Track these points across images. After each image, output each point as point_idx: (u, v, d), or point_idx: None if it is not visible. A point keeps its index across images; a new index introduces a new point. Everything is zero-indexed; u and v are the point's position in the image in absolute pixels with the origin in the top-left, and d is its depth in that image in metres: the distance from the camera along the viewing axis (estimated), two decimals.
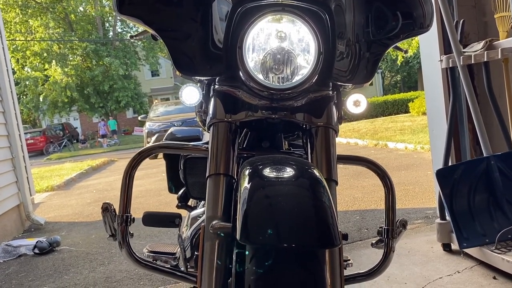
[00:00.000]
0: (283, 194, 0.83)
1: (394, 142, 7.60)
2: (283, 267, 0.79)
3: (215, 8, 1.06)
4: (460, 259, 2.28)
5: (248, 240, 0.78)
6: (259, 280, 0.78)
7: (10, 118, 4.35)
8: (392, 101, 16.66)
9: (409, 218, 3.22)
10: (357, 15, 1.10)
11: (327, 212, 0.80)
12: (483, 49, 2.10)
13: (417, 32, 1.19)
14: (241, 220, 0.79)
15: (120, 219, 1.23)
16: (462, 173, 2.15)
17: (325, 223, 0.79)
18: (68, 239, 3.85)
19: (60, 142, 21.23)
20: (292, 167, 0.90)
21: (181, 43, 1.09)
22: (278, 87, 1.02)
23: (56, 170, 10.36)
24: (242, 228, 0.78)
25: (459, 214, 2.11)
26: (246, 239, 0.78)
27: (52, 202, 6.21)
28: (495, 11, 2.15)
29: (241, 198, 0.83)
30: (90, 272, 2.90)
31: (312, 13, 1.01)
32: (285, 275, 0.78)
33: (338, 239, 0.78)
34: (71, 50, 23.29)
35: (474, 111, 2.22)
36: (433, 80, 2.66)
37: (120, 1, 1.06)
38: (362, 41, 1.12)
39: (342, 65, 1.10)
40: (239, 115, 1.08)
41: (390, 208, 1.25)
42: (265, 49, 1.01)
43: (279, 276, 0.78)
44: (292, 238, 0.78)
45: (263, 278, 0.78)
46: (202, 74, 1.14)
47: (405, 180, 4.61)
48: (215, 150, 1.06)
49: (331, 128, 1.09)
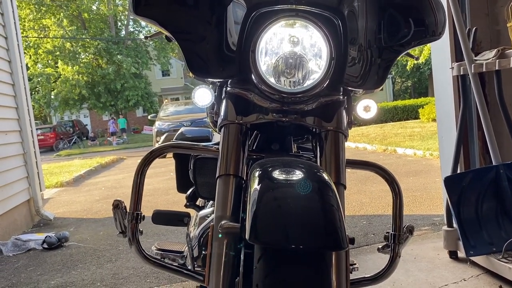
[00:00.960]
0: (292, 196, 0.85)
1: (403, 148, 7.57)
2: (291, 268, 0.81)
3: (230, 12, 1.08)
4: (467, 267, 2.27)
5: (257, 240, 0.80)
6: (267, 280, 0.80)
7: (23, 114, 4.41)
8: (402, 106, 16.59)
9: (416, 224, 3.21)
10: (370, 22, 1.11)
11: (335, 215, 0.82)
12: (495, 58, 2.09)
13: (429, 40, 1.20)
14: (251, 220, 0.81)
15: (130, 216, 1.25)
16: (470, 181, 2.15)
17: (333, 225, 0.81)
18: (76, 235, 3.90)
19: (70, 139, 21.43)
20: (301, 170, 0.91)
21: (195, 45, 1.11)
22: (289, 91, 1.04)
23: (66, 167, 10.46)
24: (251, 229, 0.80)
25: (467, 221, 2.11)
26: (255, 239, 0.79)
27: (61, 198, 6.27)
28: (508, 19, 2.15)
29: (251, 199, 0.84)
30: (98, 268, 2.93)
31: (325, 19, 1.02)
32: (293, 276, 0.80)
33: (345, 242, 0.80)
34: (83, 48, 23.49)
35: (484, 119, 2.21)
36: (443, 87, 2.66)
37: (136, 2, 1.09)
38: (374, 47, 1.13)
39: (353, 70, 1.11)
40: (250, 117, 1.09)
41: (398, 213, 1.26)
42: (277, 53, 1.03)
43: (286, 277, 0.80)
44: (300, 240, 0.79)
45: (271, 278, 0.80)
46: (215, 76, 1.17)
47: (413, 187, 4.60)
48: (226, 151, 1.08)
49: (340, 133, 1.10)
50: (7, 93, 4.25)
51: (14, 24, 4.41)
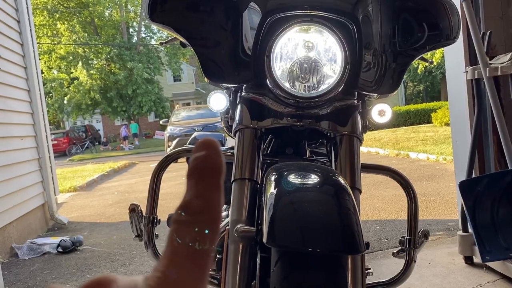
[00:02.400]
0: (308, 200, 0.86)
1: (416, 153, 7.51)
2: (308, 272, 0.81)
3: (245, 18, 1.09)
4: (483, 273, 2.25)
5: (275, 243, 0.81)
6: (284, 283, 0.80)
7: (38, 119, 4.48)
8: (415, 111, 16.47)
9: (430, 229, 3.18)
10: (384, 26, 1.11)
11: (352, 219, 0.82)
12: (509, 61, 2.08)
13: (444, 44, 1.20)
14: (268, 224, 0.81)
15: (146, 220, 1.27)
16: (485, 186, 2.13)
17: (350, 229, 0.81)
18: (90, 239, 3.93)
19: (83, 143, 21.64)
20: (317, 174, 0.92)
21: (210, 50, 1.12)
22: (304, 96, 1.04)
23: (79, 171, 10.56)
24: (269, 232, 0.80)
25: (482, 226, 2.09)
26: (272, 242, 0.80)
27: (74, 203, 6.34)
28: None
29: (268, 203, 0.85)
30: (112, 271, 2.96)
31: (340, 24, 1.03)
32: (309, 279, 0.80)
33: (362, 245, 0.80)
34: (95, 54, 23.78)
35: (500, 123, 2.20)
36: (457, 91, 2.65)
37: (152, 9, 1.11)
38: (389, 52, 1.13)
39: (368, 75, 1.11)
40: (265, 122, 1.10)
41: (413, 218, 1.25)
42: (292, 58, 1.04)
43: (303, 280, 0.80)
44: (317, 243, 0.80)
45: (288, 282, 0.80)
46: (230, 81, 1.18)
47: (427, 191, 4.56)
48: (241, 156, 1.09)
49: (355, 137, 1.10)
50: (23, 99, 4.32)
51: (30, 31, 4.48)
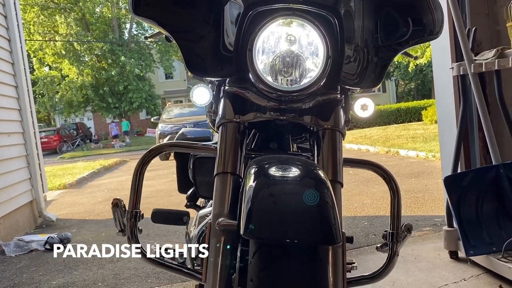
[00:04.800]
0: (287, 193, 0.86)
1: (405, 150, 7.56)
2: (285, 263, 0.81)
3: (227, 11, 1.08)
4: (467, 267, 2.27)
5: (252, 235, 0.81)
6: (261, 274, 0.80)
7: (25, 115, 4.44)
8: (405, 108, 16.56)
9: (417, 225, 3.21)
10: (366, 21, 1.11)
11: (330, 211, 0.82)
12: (494, 58, 2.10)
13: (427, 39, 1.20)
14: (246, 216, 0.81)
15: (129, 214, 1.26)
16: (470, 181, 2.15)
17: (327, 221, 0.81)
18: (79, 236, 3.91)
19: (74, 141, 21.49)
20: (298, 167, 0.92)
21: (193, 44, 1.12)
22: (286, 89, 1.04)
23: (69, 169, 10.50)
24: (246, 224, 0.81)
25: (467, 221, 2.11)
26: (250, 234, 0.80)
27: (64, 200, 6.29)
28: (507, 19, 2.15)
29: (246, 195, 0.85)
30: (99, 268, 2.94)
31: (322, 18, 1.02)
32: (286, 271, 0.80)
33: (339, 237, 0.80)
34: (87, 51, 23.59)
35: (484, 119, 2.22)
36: (444, 88, 2.66)
37: (136, 2, 1.10)
38: (371, 46, 1.13)
39: (350, 69, 1.11)
40: (247, 116, 1.10)
41: (396, 212, 1.25)
42: (274, 52, 1.03)
43: (280, 272, 0.80)
44: (294, 235, 0.80)
45: (265, 273, 0.80)
46: (213, 75, 1.17)
47: (415, 188, 4.58)
48: (224, 150, 1.09)
49: (338, 131, 1.10)
50: (10, 95, 4.27)
51: (17, 27, 4.44)
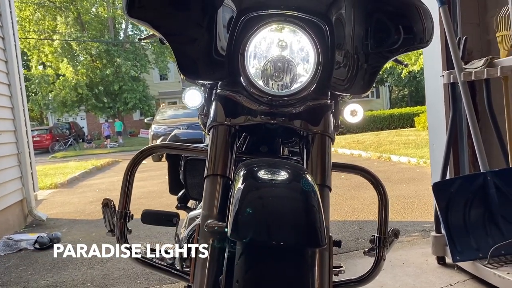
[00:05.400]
0: (274, 196, 0.87)
1: (397, 156, 7.60)
2: (270, 265, 0.82)
3: (220, 15, 1.10)
4: (454, 273, 2.29)
5: (238, 236, 0.82)
6: (246, 275, 0.82)
7: (18, 114, 4.42)
8: (398, 115, 16.66)
9: (406, 230, 3.24)
10: (357, 28, 1.13)
11: (316, 215, 0.83)
12: (483, 66, 2.13)
13: (417, 47, 1.22)
14: (233, 217, 0.83)
15: (119, 215, 1.26)
16: (458, 188, 2.18)
17: (313, 224, 0.82)
18: (69, 236, 3.90)
19: (66, 141, 21.38)
20: (286, 171, 0.93)
21: (186, 47, 1.13)
22: (277, 94, 1.05)
23: (61, 168, 10.44)
24: (233, 225, 0.82)
25: (454, 227, 2.13)
26: (236, 235, 0.81)
27: (54, 199, 6.26)
28: (496, 30, 2.19)
29: (235, 197, 0.86)
30: (89, 269, 2.94)
31: (313, 24, 1.04)
32: (272, 272, 0.82)
33: (324, 240, 0.82)
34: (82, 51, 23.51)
35: (473, 127, 2.25)
36: (435, 95, 2.70)
37: (130, 4, 1.11)
38: (361, 53, 1.15)
39: (340, 75, 1.13)
40: (238, 119, 1.11)
41: (383, 217, 1.27)
42: (266, 56, 1.05)
43: (266, 273, 0.82)
44: (280, 237, 0.81)
45: (251, 274, 0.82)
46: (205, 78, 1.19)
47: (406, 194, 4.62)
48: (214, 152, 1.10)
49: (327, 136, 1.11)
50: (3, 93, 4.25)
51: (11, 25, 4.42)
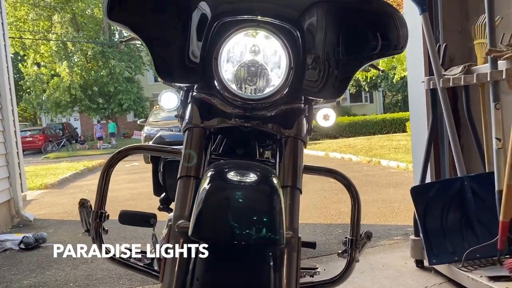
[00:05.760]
0: (237, 197, 0.89)
1: (387, 160, 7.65)
2: (229, 264, 0.85)
3: (195, 20, 1.12)
4: (431, 276, 2.33)
5: (199, 236, 0.84)
6: (206, 274, 0.84)
7: (6, 114, 4.41)
8: (390, 119, 16.74)
9: (389, 234, 3.27)
10: (329, 35, 1.16)
11: (275, 215, 0.86)
12: (461, 73, 2.17)
13: (391, 53, 1.25)
14: (195, 217, 0.85)
15: (94, 214, 1.29)
16: (436, 192, 2.21)
17: (273, 225, 0.85)
18: (55, 236, 3.90)
19: (59, 141, 21.29)
20: (253, 173, 0.95)
21: (163, 50, 1.16)
22: (249, 97, 1.08)
23: (52, 169, 10.41)
24: (194, 225, 0.84)
25: (432, 231, 2.17)
26: (197, 235, 0.84)
27: (44, 200, 6.25)
28: (474, 37, 2.23)
29: (199, 197, 0.89)
30: (72, 269, 2.94)
31: (285, 30, 1.07)
32: (231, 271, 0.84)
33: (282, 239, 0.84)
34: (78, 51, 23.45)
35: (451, 132, 2.29)
36: (417, 101, 2.74)
37: (111, 8, 1.13)
38: (332, 59, 1.18)
39: (312, 80, 1.16)
40: (213, 122, 1.13)
41: (356, 219, 1.30)
42: (239, 61, 1.07)
43: (225, 272, 0.84)
44: (239, 237, 0.84)
45: (210, 273, 0.84)
46: (181, 81, 1.22)
47: (392, 198, 4.66)
48: (188, 154, 1.12)
49: (300, 139, 1.14)
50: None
51: (1, 25, 4.43)
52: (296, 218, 1.09)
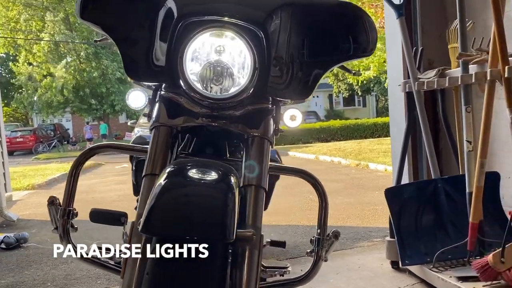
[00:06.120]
0: (190, 193, 0.91)
1: (375, 164, 7.70)
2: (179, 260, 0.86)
3: (162, 19, 1.14)
4: (405, 277, 2.35)
5: (148, 231, 0.86)
6: (155, 268, 0.85)
7: None
8: (382, 123, 16.82)
9: (369, 236, 3.30)
10: (293, 37, 1.17)
11: (226, 212, 0.87)
12: (435, 77, 2.20)
13: (360, 56, 1.28)
14: (146, 213, 0.86)
15: (62, 212, 1.29)
16: (411, 194, 2.25)
17: (223, 221, 0.86)
18: (37, 237, 3.88)
19: (50, 142, 21.18)
20: (212, 171, 0.97)
21: (131, 50, 1.17)
22: (215, 97, 1.10)
23: (41, 170, 10.36)
24: (145, 220, 0.85)
25: (405, 232, 2.19)
26: (145, 230, 0.85)
27: (30, 200, 6.22)
28: (448, 42, 2.26)
29: (153, 193, 0.90)
30: (52, 269, 2.94)
31: (250, 32, 1.09)
32: (179, 266, 0.85)
33: (231, 235, 0.86)
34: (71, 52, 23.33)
35: (426, 135, 2.32)
36: (396, 104, 2.77)
37: (83, 7, 1.15)
38: (297, 61, 1.19)
39: (278, 81, 1.18)
40: (180, 120, 1.15)
41: (323, 219, 1.31)
42: (205, 61, 1.09)
43: (173, 267, 0.85)
44: (188, 231, 0.85)
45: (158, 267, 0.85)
46: (148, 80, 1.23)
47: (377, 200, 4.68)
48: (154, 152, 1.13)
49: (266, 139, 1.16)
50: None
51: None
52: (259, 216, 1.10)
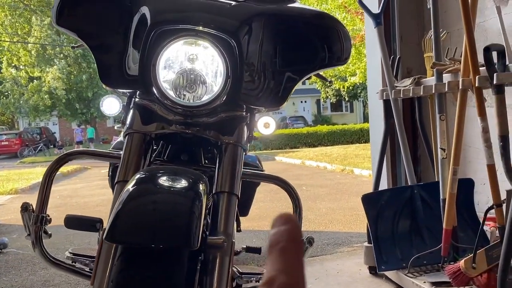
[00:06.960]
0: (156, 201, 0.92)
1: (360, 169, 7.76)
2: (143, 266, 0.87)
3: (135, 27, 1.16)
4: (382, 282, 2.38)
5: (112, 239, 0.87)
6: (119, 275, 0.86)
7: None
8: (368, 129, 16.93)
9: (350, 241, 3.33)
10: (266, 46, 1.19)
11: (191, 219, 0.89)
12: (411, 85, 2.25)
13: (335, 65, 1.31)
14: (111, 221, 0.87)
15: (35, 218, 1.30)
16: (387, 200, 2.28)
17: (188, 229, 0.88)
18: (18, 242, 3.83)
19: (36, 146, 20.93)
20: (184, 178, 0.98)
21: (106, 57, 1.19)
22: (187, 104, 1.12)
23: (26, 174, 10.24)
24: (109, 228, 0.86)
25: (382, 238, 2.22)
26: (110, 238, 0.86)
27: (12, 205, 6.14)
28: (424, 51, 2.31)
29: (119, 199, 0.91)
30: (30, 275, 2.91)
31: (222, 41, 1.11)
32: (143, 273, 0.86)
33: (196, 242, 0.87)
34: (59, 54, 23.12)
35: (402, 142, 2.36)
36: (375, 111, 2.81)
37: (60, 14, 1.16)
38: (269, 70, 1.22)
39: (252, 88, 1.20)
40: (153, 127, 1.16)
41: None
42: (178, 69, 1.11)
43: (137, 274, 0.86)
44: (152, 240, 0.86)
45: (123, 274, 0.86)
46: (122, 87, 1.25)
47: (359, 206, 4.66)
48: (127, 159, 1.15)
49: (239, 146, 1.18)
50: None
51: None
52: (230, 223, 1.12)
